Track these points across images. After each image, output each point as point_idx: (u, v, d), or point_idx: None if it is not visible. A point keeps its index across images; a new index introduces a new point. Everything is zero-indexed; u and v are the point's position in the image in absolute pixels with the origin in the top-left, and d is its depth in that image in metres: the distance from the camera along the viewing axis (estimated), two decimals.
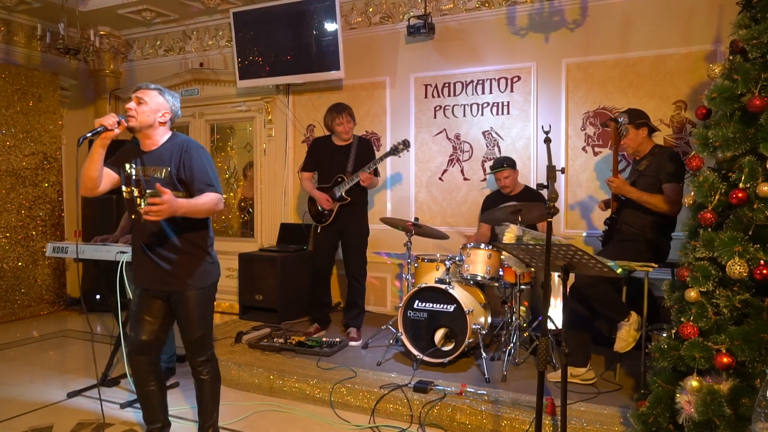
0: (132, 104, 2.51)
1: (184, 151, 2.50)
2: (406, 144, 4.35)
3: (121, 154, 2.64)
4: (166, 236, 2.52)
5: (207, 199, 2.44)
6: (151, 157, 2.55)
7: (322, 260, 4.55)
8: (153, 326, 2.62)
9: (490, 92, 4.93)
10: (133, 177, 2.56)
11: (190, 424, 3.17)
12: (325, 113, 4.48)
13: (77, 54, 5.61)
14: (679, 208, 3.27)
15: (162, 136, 2.58)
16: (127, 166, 2.58)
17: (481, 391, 3.22)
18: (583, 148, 4.63)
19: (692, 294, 2.34)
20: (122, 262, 3.23)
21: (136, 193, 2.55)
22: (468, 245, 3.91)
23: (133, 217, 2.58)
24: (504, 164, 4.30)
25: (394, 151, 4.35)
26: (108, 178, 2.56)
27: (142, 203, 2.50)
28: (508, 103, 4.87)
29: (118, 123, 2.43)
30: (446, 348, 3.65)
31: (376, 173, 4.49)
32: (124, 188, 2.59)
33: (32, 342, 4.94)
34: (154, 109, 2.52)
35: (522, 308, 3.92)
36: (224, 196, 2.73)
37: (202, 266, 2.58)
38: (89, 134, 2.41)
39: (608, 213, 3.72)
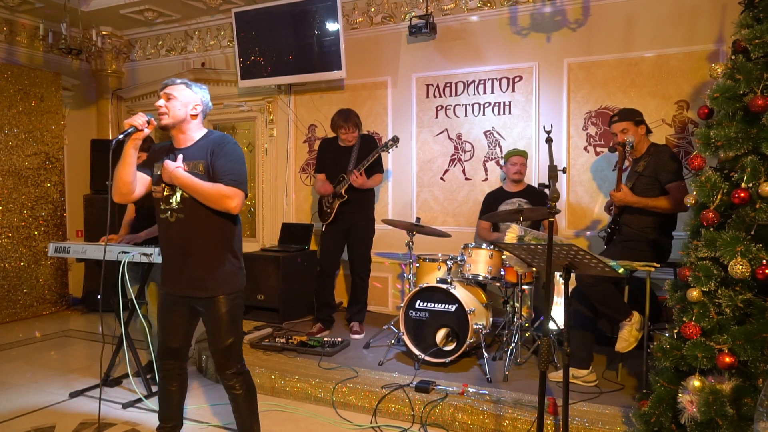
0: (161, 101, 2.43)
1: (218, 145, 2.44)
2: (395, 140, 4.40)
3: (152, 154, 2.56)
4: (196, 239, 2.43)
5: (214, 187, 2.35)
6: (187, 153, 2.46)
7: (329, 260, 4.57)
8: (181, 332, 2.56)
9: (492, 92, 4.93)
10: (164, 174, 2.45)
11: (191, 424, 3.18)
12: (333, 115, 4.51)
13: (79, 54, 5.62)
14: (687, 206, 3.27)
15: (196, 131, 2.51)
16: (158, 165, 2.48)
17: (483, 391, 3.22)
18: (585, 148, 4.62)
19: (694, 294, 2.34)
20: (124, 263, 3.23)
21: (166, 192, 2.44)
22: (469, 245, 3.91)
23: (162, 217, 2.47)
24: (521, 150, 4.41)
25: (384, 147, 4.39)
26: (141, 181, 2.48)
27: (174, 201, 2.43)
28: (510, 102, 4.87)
29: (148, 122, 2.37)
30: (448, 348, 3.65)
31: (380, 170, 4.53)
32: (155, 187, 2.49)
33: (34, 342, 4.95)
34: (185, 103, 2.44)
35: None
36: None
37: (230, 271, 2.49)
38: (121, 136, 2.33)
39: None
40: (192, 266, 2.44)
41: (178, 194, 2.42)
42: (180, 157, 2.42)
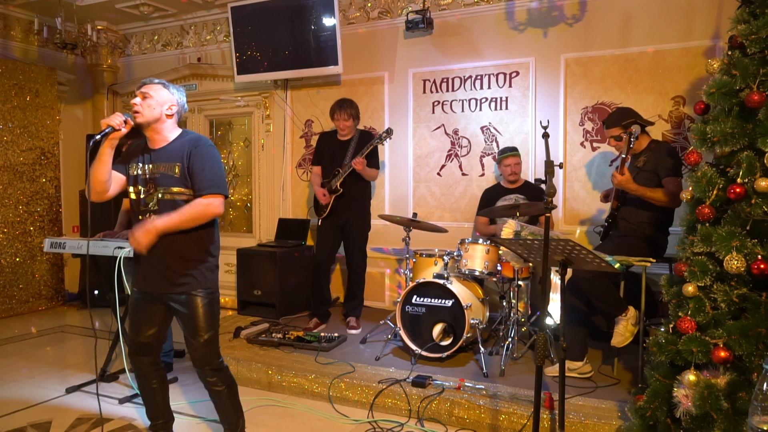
0: (137, 100, 2.45)
1: (194, 147, 2.45)
2: (389, 132, 4.41)
3: (127, 154, 2.58)
4: (173, 239, 2.44)
5: (191, 210, 2.39)
6: (161, 153, 2.48)
7: (324, 256, 4.58)
8: (153, 328, 2.57)
9: (489, 87, 4.93)
10: (140, 176, 2.49)
11: (187, 419, 3.18)
12: (332, 105, 4.55)
13: (74, 49, 5.60)
14: (680, 201, 3.29)
15: (171, 131, 2.52)
16: (133, 165, 2.51)
17: (480, 386, 3.23)
18: (581, 143, 4.63)
19: (690, 289, 2.35)
20: (120, 258, 3.22)
21: (142, 194, 2.48)
22: (466, 240, 3.92)
23: (140, 218, 2.50)
24: (513, 150, 4.38)
25: (378, 139, 4.41)
26: (116, 180, 2.50)
27: (151, 202, 2.45)
28: (507, 98, 4.87)
29: (125, 122, 2.38)
30: (444, 343, 3.65)
31: (376, 165, 4.53)
32: (131, 188, 2.53)
33: (31, 338, 4.94)
34: (160, 102, 2.46)
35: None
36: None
37: (206, 269, 2.52)
38: (98, 136, 2.35)
39: (607, 206, 3.73)
40: (169, 265, 2.46)
41: (156, 196, 2.45)
42: (152, 219, 2.40)
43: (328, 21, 5.11)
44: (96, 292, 5.95)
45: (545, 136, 2.54)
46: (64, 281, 6.24)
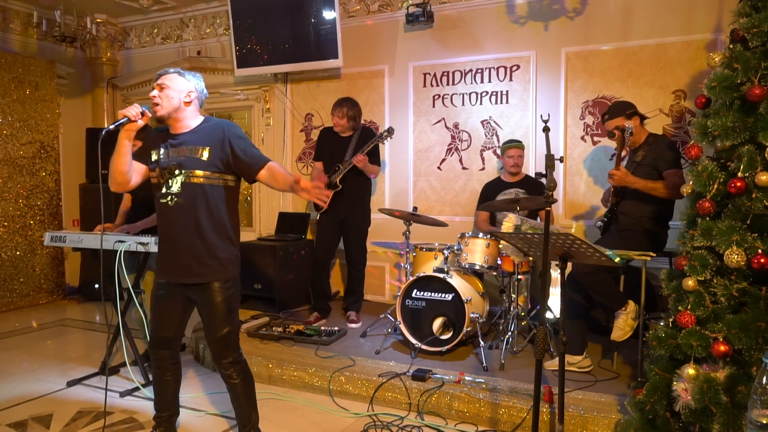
0: (155, 92, 2.45)
1: (226, 132, 2.48)
2: (390, 131, 4.38)
3: (147, 143, 2.58)
4: (196, 224, 2.44)
5: (282, 172, 2.50)
6: (186, 138, 2.48)
7: (324, 250, 4.58)
8: (175, 322, 2.58)
9: (489, 81, 4.92)
10: (162, 160, 2.48)
11: (188, 411, 3.19)
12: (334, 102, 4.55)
13: (74, 42, 5.58)
14: (682, 193, 3.28)
15: (193, 118, 2.53)
16: (155, 151, 2.50)
17: (479, 380, 3.23)
18: (582, 137, 4.62)
19: (690, 283, 2.35)
20: (120, 252, 3.22)
21: (164, 177, 2.46)
22: (466, 234, 3.92)
23: (161, 201, 2.47)
24: (518, 141, 4.39)
25: (379, 137, 4.38)
26: (138, 170, 2.50)
27: (174, 185, 2.44)
28: (507, 92, 4.85)
29: (142, 114, 2.38)
30: (444, 337, 3.66)
31: (377, 162, 4.52)
32: (152, 174, 2.51)
33: (31, 331, 4.95)
34: (178, 91, 2.46)
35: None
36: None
37: (227, 258, 2.51)
38: (112, 126, 2.34)
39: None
40: (189, 250, 2.45)
41: (179, 179, 2.44)
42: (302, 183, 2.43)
43: (328, 14, 5.09)
44: (96, 285, 5.97)
45: (546, 129, 2.54)
46: (64, 275, 6.24)
